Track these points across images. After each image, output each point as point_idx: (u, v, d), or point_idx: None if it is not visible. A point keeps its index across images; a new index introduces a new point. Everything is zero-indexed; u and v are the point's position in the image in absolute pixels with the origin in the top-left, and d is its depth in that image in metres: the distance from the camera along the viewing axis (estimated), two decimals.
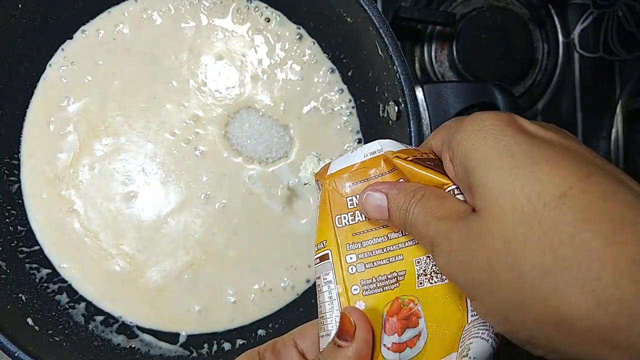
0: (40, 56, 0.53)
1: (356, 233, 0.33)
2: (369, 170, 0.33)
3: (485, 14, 0.58)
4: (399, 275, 0.32)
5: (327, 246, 0.34)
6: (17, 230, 0.52)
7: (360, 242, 0.33)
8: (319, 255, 0.34)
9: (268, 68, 0.54)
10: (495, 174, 0.25)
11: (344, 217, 0.34)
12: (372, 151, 0.34)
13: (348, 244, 0.33)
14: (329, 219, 0.34)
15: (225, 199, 0.52)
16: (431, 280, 0.32)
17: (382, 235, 0.33)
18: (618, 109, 0.63)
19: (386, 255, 0.33)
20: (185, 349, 0.51)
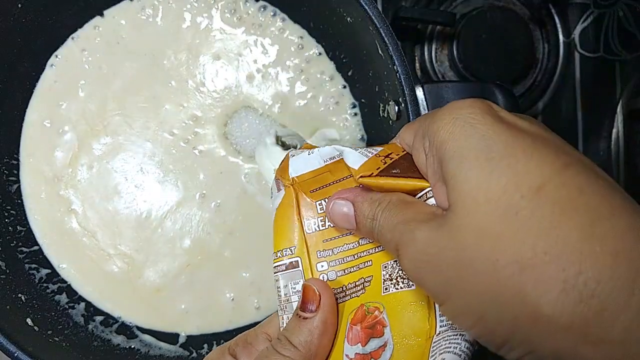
0: (39, 56, 0.53)
1: (327, 239, 0.32)
2: (335, 173, 0.32)
3: (485, 14, 0.58)
4: (366, 281, 0.31)
5: (296, 253, 0.32)
6: (17, 230, 0.52)
7: (331, 249, 0.32)
8: (284, 262, 0.32)
9: (267, 68, 0.53)
10: (471, 165, 0.24)
11: (313, 222, 0.32)
12: (331, 156, 0.32)
13: (319, 251, 0.32)
14: (297, 223, 0.32)
15: (221, 199, 0.52)
16: (397, 286, 0.30)
17: (353, 241, 0.32)
18: (618, 108, 0.63)
19: (356, 262, 0.31)
20: (184, 349, 0.51)
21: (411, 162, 0.30)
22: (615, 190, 0.23)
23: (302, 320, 0.30)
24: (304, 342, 0.30)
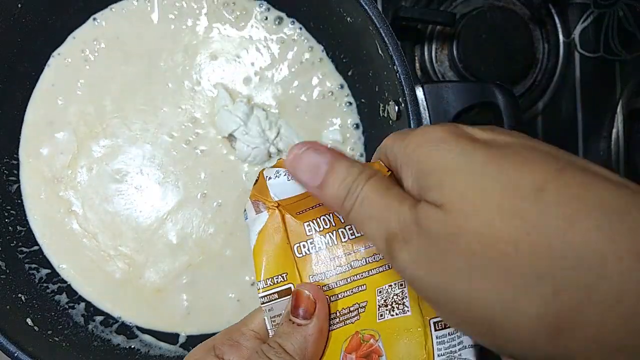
0: (39, 57, 0.53)
1: (317, 263, 0.30)
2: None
3: (485, 14, 0.58)
4: (360, 307, 0.30)
5: (288, 280, 0.30)
6: (17, 230, 0.52)
7: (323, 273, 0.30)
8: (276, 290, 0.30)
9: (267, 68, 0.53)
10: (457, 175, 0.23)
11: (303, 245, 0.30)
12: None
13: (311, 276, 0.30)
14: (287, 248, 0.30)
15: (222, 199, 0.52)
16: (392, 312, 0.29)
17: (345, 264, 0.30)
18: (619, 108, 0.63)
19: (350, 286, 0.30)
20: (185, 349, 0.51)
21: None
22: (621, 184, 0.21)
23: (296, 326, 0.29)
24: (298, 349, 0.29)
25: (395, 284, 0.30)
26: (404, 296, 0.30)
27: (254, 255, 0.31)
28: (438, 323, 0.29)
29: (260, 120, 0.52)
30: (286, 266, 0.30)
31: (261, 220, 0.31)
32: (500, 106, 0.43)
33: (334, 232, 0.31)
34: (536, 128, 0.63)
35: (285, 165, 0.28)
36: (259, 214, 0.31)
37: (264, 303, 0.31)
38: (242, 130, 0.51)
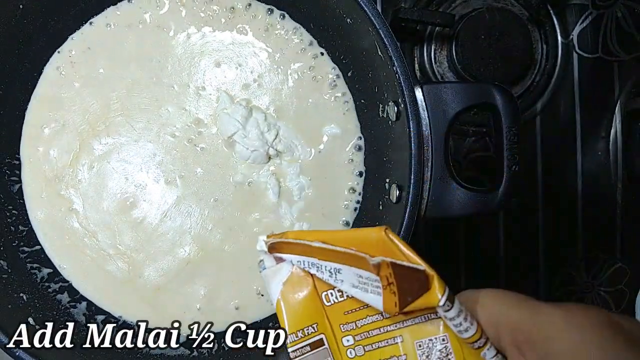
0: (41, 57, 0.53)
1: (348, 311, 0.29)
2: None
3: (484, 15, 0.58)
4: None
5: (318, 330, 0.29)
6: (19, 230, 0.52)
7: (354, 322, 0.29)
8: (307, 342, 0.29)
9: (267, 70, 0.54)
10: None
11: (331, 293, 0.29)
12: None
13: (342, 325, 0.29)
14: (315, 297, 0.29)
15: (219, 195, 0.53)
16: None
17: (376, 312, 0.29)
18: (617, 109, 0.63)
19: (384, 337, 0.29)
20: (185, 348, 0.51)
21: (412, 277, 0.27)
22: None
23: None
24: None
25: (436, 339, 0.29)
26: (449, 352, 0.28)
27: (277, 308, 0.30)
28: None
29: (259, 122, 0.52)
30: (316, 316, 0.29)
31: (285, 270, 0.30)
32: (498, 107, 0.43)
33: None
34: (535, 128, 0.63)
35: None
36: (280, 264, 0.30)
37: (296, 357, 0.29)
38: (241, 134, 0.52)
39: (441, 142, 0.43)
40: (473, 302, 0.28)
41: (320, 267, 0.29)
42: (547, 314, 0.25)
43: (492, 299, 0.28)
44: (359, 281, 0.28)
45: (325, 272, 0.29)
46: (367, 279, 0.27)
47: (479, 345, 0.27)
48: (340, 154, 0.54)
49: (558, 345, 0.24)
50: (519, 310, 0.26)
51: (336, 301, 0.29)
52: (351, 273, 0.28)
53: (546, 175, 0.63)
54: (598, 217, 0.64)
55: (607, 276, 0.64)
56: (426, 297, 0.27)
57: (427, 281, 0.27)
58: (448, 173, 0.43)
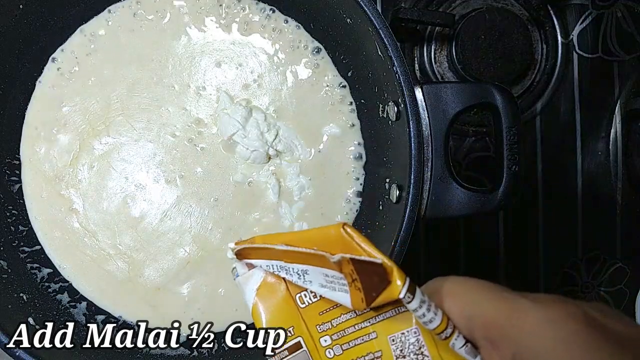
0: (41, 56, 0.53)
1: (322, 311, 0.29)
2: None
3: (484, 15, 0.58)
4: (376, 357, 0.29)
5: (295, 333, 0.29)
6: (19, 230, 0.52)
7: (330, 322, 0.29)
8: (285, 346, 0.29)
9: (267, 71, 0.54)
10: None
11: (304, 294, 0.29)
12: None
13: (318, 325, 0.29)
14: (289, 300, 0.29)
15: (219, 194, 0.53)
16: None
17: (349, 310, 0.29)
18: (617, 109, 0.63)
19: (359, 334, 0.29)
20: (185, 348, 0.51)
21: (372, 272, 0.26)
22: None
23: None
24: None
25: (408, 332, 0.28)
26: (421, 344, 0.28)
27: (253, 314, 0.30)
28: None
29: (259, 122, 0.52)
30: (292, 320, 0.29)
31: (257, 276, 0.30)
32: (498, 107, 0.43)
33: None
34: (535, 129, 0.63)
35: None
36: (252, 270, 0.30)
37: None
38: (241, 134, 0.52)
39: (441, 142, 0.43)
40: (440, 291, 0.27)
41: (288, 269, 0.29)
42: (522, 308, 0.24)
43: (463, 288, 0.27)
44: (326, 280, 0.28)
45: (294, 274, 0.28)
46: (333, 277, 0.27)
47: (446, 336, 0.27)
48: (340, 154, 0.54)
49: (532, 342, 0.23)
50: (492, 303, 0.26)
51: (310, 302, 0.29)
52: (318, 273, 0.28)
53: (546, 176, 0.63)
54: (598, 217, 0.64)
55: (607, 276, 0.64)
56: (388, 290, 0.26)
57: (387, 274, 0.26)
58: (448, 173, 0.43)
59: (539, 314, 0.23)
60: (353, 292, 0.27)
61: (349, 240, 0.27)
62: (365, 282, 0.26)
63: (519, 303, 0.24)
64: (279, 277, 0.30)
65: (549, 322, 0.23)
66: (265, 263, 0.29)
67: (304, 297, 0.29)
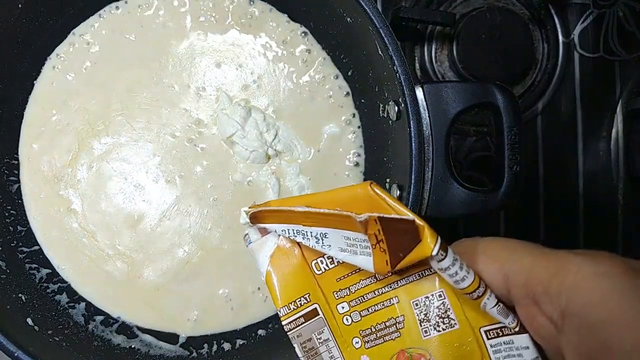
0: (40, 56, 0.53)
1: (340, 278, 0.28)
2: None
3: (485, 14, 0.58)
4: (398, 322, 0.28)
5: (311, 300, 0.28)
6: (17, 230, 0.52)
7: (347, 288, 0.28)
8: (301, 313, 0.28)
9: (266, 70, 0.54)
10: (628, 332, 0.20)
11: (321, 261, 0.29)
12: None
13: (335, 292, 0.28)
14: (305, 266, 0.28)
15: (218, 194, 0.52)
16: (438, 328, 0.27)
17: (369, 276, 0.28)
18: (618, 108, 0.63)
19: (379, 299, 0.28)
20: (185, 349, 0.51)
21: (402, 231, 0.25)
22: None
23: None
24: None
25: (432, 295, 0.28)
26: (447, 308, 0.28)
27: (267, 281, 0.29)
28: (490, 331, 0.27)
29: (258, 123, 0.52)
30: (307, 286, 0.29)
31: (271, 242, 0.29)
32: (499, 106, 0.43)
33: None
34: (536, 128, 0.63)
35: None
36: (266, 236, 0.29)
37: (291, 330, 0.29)
38: (240, 134, 0.51)
39: (442, 141, 0.42)
40: (472, 251, 0.27)
41: (305, 234, 0.28)
42: (568, 263, 0.23)
43: (498, 247, 0.26)
44: (347, 244, 0.27)
45: (312, 238, 0.28)
46: (355, 240, 0.26)
47: (478, 295, 0.26)
48: (339, 153, 0.53)
49: (582, 296, 0.22)
50: (535, 259, 0.24)
51: (327, 269, 0.29)
52: (338, 236, 0.27)
53: (547, 175, 0.63)
54: (599, 217, 0.64)
55: None
56: (418, 249, 0.26)
57: (418, 232, 0.26)
58: (449, 173, 0.42)
59: (587, 268, 0.22)
60: (377, 255, 0.26)
61: (377, 199, 0.26)
62: (393, 242, 0.25)
63: (564, 258, 0.23)
64: (294, 243, 0.29)
65: (598, 275, 0.22)
66: (280, 227, 0.28)
67: (320, 263, 0.29)
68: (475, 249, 0.27)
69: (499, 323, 0.27)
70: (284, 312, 0.29)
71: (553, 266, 0.23)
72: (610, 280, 0.21)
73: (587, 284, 0.22)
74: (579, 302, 0.22)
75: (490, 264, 0.26)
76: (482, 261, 0.26)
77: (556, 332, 0.24)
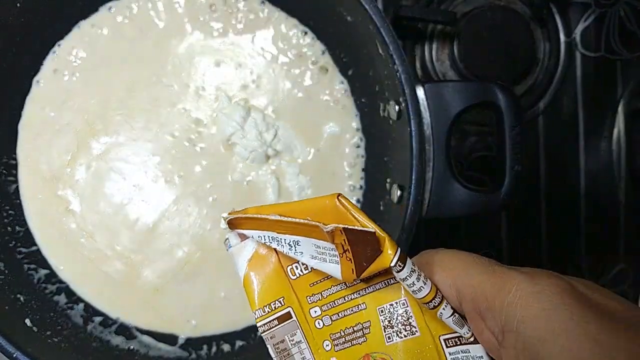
0: (38, 55, 0.53)
1: (313, 283, 0.30)
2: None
3: (486, 13, 0.58)
4: (364, 328, 0.29)
5: (285, 304, 0.30)
6: (16, 230, 0.52)
7: (320, 293, 0.30)
8: (275, 315, 0.30)
9: (266, 70, 0.53)
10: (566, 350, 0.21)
11: (295, 267, 0.30)
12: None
13: (308, 297, 0.30)
14: (280, 271, 0.30)
15: (217, 194, 0.52)
16: (400, 334, 0.29)
17: (339, 282, 0.29)
18: (620, 108, 0.63)
19: (349, 305, 0.30)
20: (184, 350, 0.51)
21: (365, 241, 0.27)
22: None
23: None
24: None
25: (396, 303, 0.29)
26: (409, 316, 0.29)
27: (244, 284, 0.31)
28: (449, 340, 0.29)
29: (257, 122, 0.51)
30: (282, 290, 0.30)
31: (249, 247, 0.31)
32: (501, 106, 0.42)
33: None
34: (537, 128, 0.62)
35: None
36: (245, 241, 0.31)
37: (265, 332, 0.30)
38: (239, 134, 0.51)
39: (443, 141, 0.42)
40: (431, 263, 0.28)
41: (280, 240, 0.29)
42: (510, 280, 0.24)
43: (451, 260, 0.27)
44: (317, 252, 0.28)
45: (285, 245, 0.29)
46: (325, 248, 0.28)
47: (434, 305, 0.27)
48: (339, 153, 0.53)
49: (520, 312, 0.23)
50: (481, 275, 0.26)
51: (301, 274, 0.30)
52: (309, 244, 0.28)
53: (548, 175, 0.63)
54: (601, 216, 0.64)
55: (611, 277, 0.63)
56: (379, 259, 0.27)
57: (379, 243, 0.27)
58: (450, 173, 0.42)
59: (525, 285, 0.23)
60: (344, 263, 0.27)
61: (343, 211, 0.28)
62: (357, 252, 0.27)
63: (507, 275, 0.25)
64: (271, 249, 0.30)
65: (535, 293, 0.23)
66: (257, 234, 0.30)
67: (295, 269, 0.30)
68: (433, 261, 0.28)
69: (456, 332, 0.28)
70: (259, 315, 0.30)
71: (497, 284, 0.25)
72: (545, 298, 0.23)
73: (523, 302, 0.23)
74: (515, 319, 0.23)
75: (445, 277, 0.27)
76: (438, 273, 0.27)
77: (498, 346, 0.25)
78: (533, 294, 0.23)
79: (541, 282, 0.23)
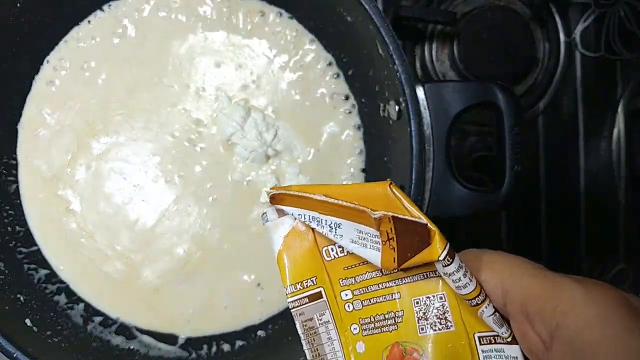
0: (38, 55, 0.53)
1: (347, 267, 0.30)
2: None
3: (486, 13, 0.58)
4: (397, 317, 0.29)
5: (317, 283, 0.30)
6: (16, 230, 0.52)
7: (353, 277, 0.30)
8: (306, 294, 0.30)
9: (266, 70, 0.53)
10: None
11: (331, 249, 0.30)
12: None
13: (341, 279, 0.30)
14: (315, 251, 0.30)
15: (218, 193, 0.52)
16: (434, 327, 0.29)
17: (375, 269, 0.30)
18: (619, 108, 0.63)
19: (382, 292, 0.30)
20: (184, 350, 0.51)
21: (413, 232, 0.27)
22: None
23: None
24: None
25: (434, 297, 0.29)
26: (445, 310, 0.29)
27: (278, 259, 0.31)
28: (483, 338, 0.29)
29: (257, 122, 0.52)
30: (315, 270, 0.30)
31: (287, 224, 0.31)
32: (501, 106, 0.42)
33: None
34: (537, 128, 0.62)
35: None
36: (282, 217, 0.31)
37: (294, 308, 0.30)
38: (239, 134, 0.51)
39: (443, 141, 0.42)
40: (478, 261, 0.28)
41: (320, 221, 0.29)
42: (563, 287, 0.24)
43: (502, 262, 0.28)
44: (358, 237, 0.28)
45: (326, 226, 0.29)
46: (367, 234, 0.28)
47: (477, 303, 0.27)
48: (339, 153, 0.53)
49: (571, 320, 0.23)
50: (533, 279, 0.26)
51: (336, 256, 0.30)
52: (351, 228, 0.28)
53: (548, 175, 0.63)
54: (601, 216, 0.64)
55: (611, 277, 0.63)
56: (427, 251, 0.27)
57: (429, 236, 0.27)
58: (450, 173, 0.42)
59: (579, 293, 0.24)
60: (385, 251, 0.27)
61: (394, 200, 0.28)
62: (403, 241, 0.27)
63: (560, 282, 0.25)
64: (308, 228, 0.30)
65: (589, 301, 0.23)
66: (297, 211, 0.30)
67: (331, 250, 0.30)
68: (481, 260, 0.28)
69: (493, 331, 0.28)
70: (290, 291, 0.30)
71: (549, 289, 0.25)
72: (598, 308, 0.23)
73: (576, 310, 0.23)
74: (567, 326, 0.23)
75: (492, 277, 0.27)
76: (485, 273, 0.28)
77: (544, 349, 0.25)
78: (586, 302, 0.23)
79: (595, 291, 0.24)
